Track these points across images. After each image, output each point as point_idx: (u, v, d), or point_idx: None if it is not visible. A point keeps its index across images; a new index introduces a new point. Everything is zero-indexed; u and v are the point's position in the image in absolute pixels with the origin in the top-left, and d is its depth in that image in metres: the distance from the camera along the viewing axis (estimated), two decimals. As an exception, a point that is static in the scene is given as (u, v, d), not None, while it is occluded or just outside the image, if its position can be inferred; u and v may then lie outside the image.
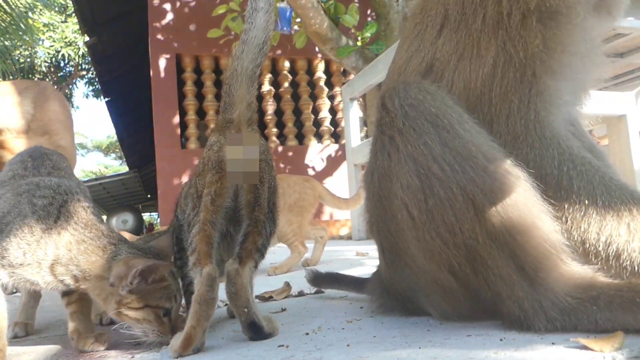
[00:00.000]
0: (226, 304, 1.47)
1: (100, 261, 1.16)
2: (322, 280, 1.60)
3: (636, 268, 0.87)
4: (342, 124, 6.88)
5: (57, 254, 1.15)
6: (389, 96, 0.99)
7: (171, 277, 1.23)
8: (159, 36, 6.66)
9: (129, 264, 1.14)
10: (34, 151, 1.54)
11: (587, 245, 0.91)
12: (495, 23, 0.99)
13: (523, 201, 0.88)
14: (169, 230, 1.51)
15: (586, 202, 0.91)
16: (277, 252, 3.04)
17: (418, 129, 0.93)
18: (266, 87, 6.92)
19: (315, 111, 7.17)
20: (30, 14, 10.17)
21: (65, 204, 1.22)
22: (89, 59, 11.69)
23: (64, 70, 16.07)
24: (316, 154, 7.08)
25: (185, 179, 6.40)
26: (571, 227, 0.92)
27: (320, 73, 7.20)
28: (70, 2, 9.18)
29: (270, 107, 6.97)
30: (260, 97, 6.83)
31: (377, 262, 1.23)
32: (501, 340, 0.86)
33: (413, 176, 0.93)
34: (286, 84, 7.11)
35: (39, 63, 14.78)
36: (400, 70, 1.16)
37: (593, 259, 0.91)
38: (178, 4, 6.78)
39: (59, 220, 1.19)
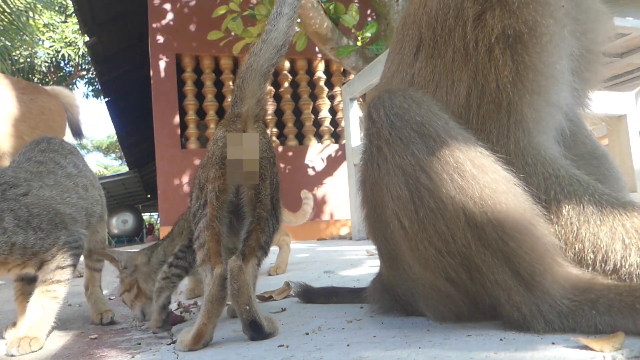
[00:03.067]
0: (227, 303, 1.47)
1: None
2: (316, 295, 1.58)
3: (635, 280, 0.88)
4: (342, 124, 6.88)
5: None
6: (374, 106, 0.99)
7: None
8: (159, 36, 6.66)
9: None
10: (40, 137, 1.62)
11: (584, 264, 0.91)
12: (464, 54, 0.99)
13: (514, 207, 0.88)
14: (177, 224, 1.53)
15: (577, 224, 0.91)
16: (275, 252, 3.04)
17: (405, 139, 0.93)
18: (266, 87, 6.92)
19: (315, 111, 7.16)
20: (30, 13, 10.16)
21: None
22: (89, 59, 11.68)
23: (64, 71, 16.06)
24: (316, 154, 7.08)
25: (185, 179, 6.40)
26: (565, 248, 0.92)
27: (320, 73, 7.20)
28: (70, 2, 9.17)
29: (270, 107, 6.97)
30: (260, 97, 6.82)
31: (378, 261, 1.23)
32: (501, 340, 0.86)
33: (402, 187, 0.92)
34: (286, 84, 7.11)
35: (39, 63, 14.77)
36: (387, 84, 1.17)
37: (591, 272, 0.91)
38: (178, 4, 6.77)
39: None
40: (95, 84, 15.73)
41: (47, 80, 15.48)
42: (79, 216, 1.50)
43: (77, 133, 3.60)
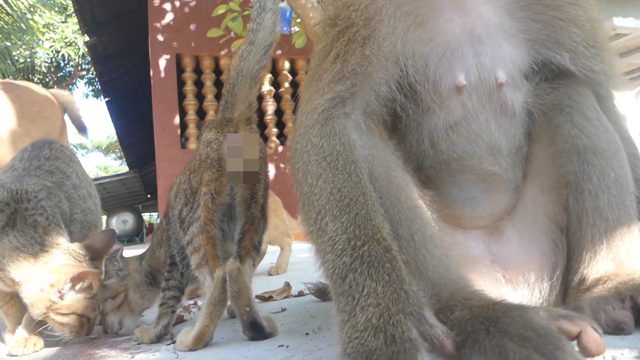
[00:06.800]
0: (226, 304, 1.47)
1: (31, 268, 1.20)
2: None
3: None
4: (342, 124, 6.86)
5: None
6: None
7: (98, 286, 1.29)
8: (159, 36, 6.65)
9: (61, 272, 1.19)
10: (39, 141, 1.59)
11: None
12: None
13: None
14: (155, 235, 1.51)
15: None
16: (276, 252, 3.05)
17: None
18: (266, 87, 6.92)
19: (316, 111, 7.16)
20: (30, 15, 10.16)
21: (16, 212, 1.25)
22: (89, 59, 11.68)
23: (64, 71, 16.05)
24: (316, 154, 7.08)
25: (185, 179, 6.39)
26: None
27: (320, 73, 7.20)
28: (70, 2, 9.17)
29: (270, 107, 6.97)
30: (260, 97, 6.82)
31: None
32: (501, 340, 0.86)
33: None
34: (286, 84, 7.11)
35: (38, 63, 14.77)
36: None
37: None
38: (178, 4, 6.77)
39: (6, 227, 1.23)
40: (95, 84, 15.72)
41: (47, 80, 15.48)
42: (75, 230, 1.51)
43: (81, 128, 3.59)
